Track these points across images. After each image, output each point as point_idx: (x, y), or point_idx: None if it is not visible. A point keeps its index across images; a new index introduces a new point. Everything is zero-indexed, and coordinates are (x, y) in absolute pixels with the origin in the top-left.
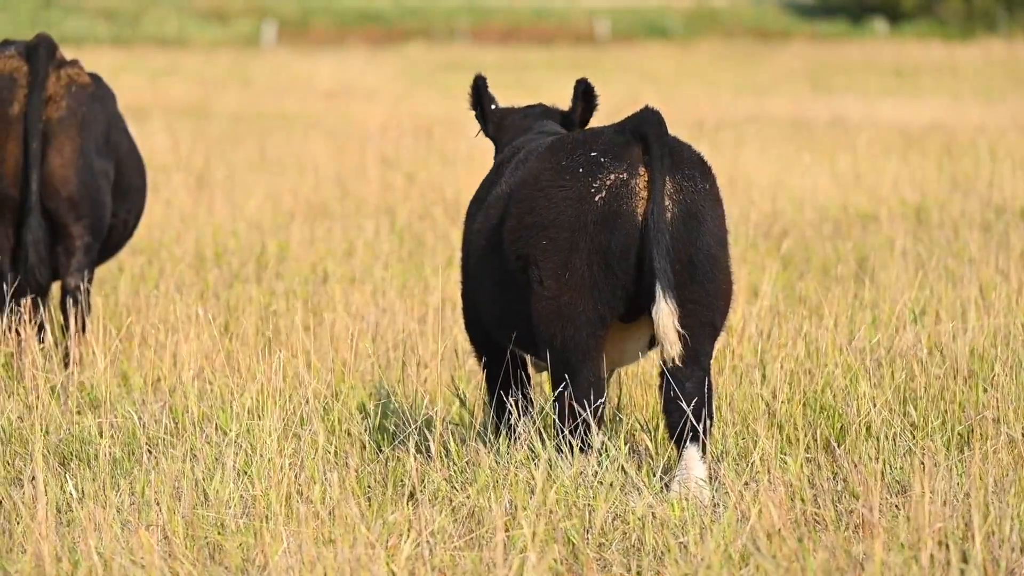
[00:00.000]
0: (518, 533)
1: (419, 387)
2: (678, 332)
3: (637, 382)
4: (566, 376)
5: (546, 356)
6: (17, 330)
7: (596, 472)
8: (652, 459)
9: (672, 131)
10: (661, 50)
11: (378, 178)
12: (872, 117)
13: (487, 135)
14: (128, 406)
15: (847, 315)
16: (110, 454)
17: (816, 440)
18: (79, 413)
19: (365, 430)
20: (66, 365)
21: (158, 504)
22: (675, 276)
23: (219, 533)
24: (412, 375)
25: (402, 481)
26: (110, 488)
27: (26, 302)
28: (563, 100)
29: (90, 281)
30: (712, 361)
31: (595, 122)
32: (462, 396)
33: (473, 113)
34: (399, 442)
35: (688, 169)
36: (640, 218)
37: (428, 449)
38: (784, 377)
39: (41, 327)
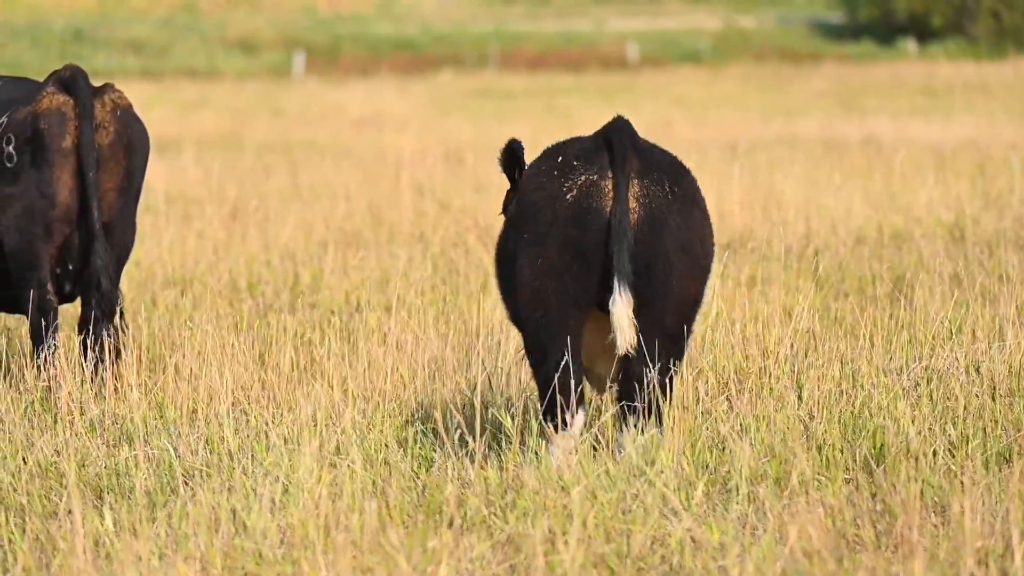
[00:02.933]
0: (557, 559)
1: (457, 415)
2: (633, 325)
3: (673, 406)
4: (540, 356)
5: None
6: (53, 362)
7: (635, 496)
8: (690, 483)
9: (704, 154)
10: (691, 74)
11: (411, 205)
12: (904, 137)
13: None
14: (164, 438)
15: (883, 335)
16: (146, 486)
17: (855, 460)
18: (114, 446)
19: (402, 458)
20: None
21: (195, 536)
22: (635, 276)
23: (257, 564)
24: (449, 403)
25: (440, 509)
26: (147, 520)
27: (63, 335)
28: (594, 125)
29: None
30: (676, 375)
31: None
32: (500, 423)
33: (507, 174)
34: (437, 470)
35: (656, 173)
36: (608, 216)
37: (466, 476)
38: (822, 398)
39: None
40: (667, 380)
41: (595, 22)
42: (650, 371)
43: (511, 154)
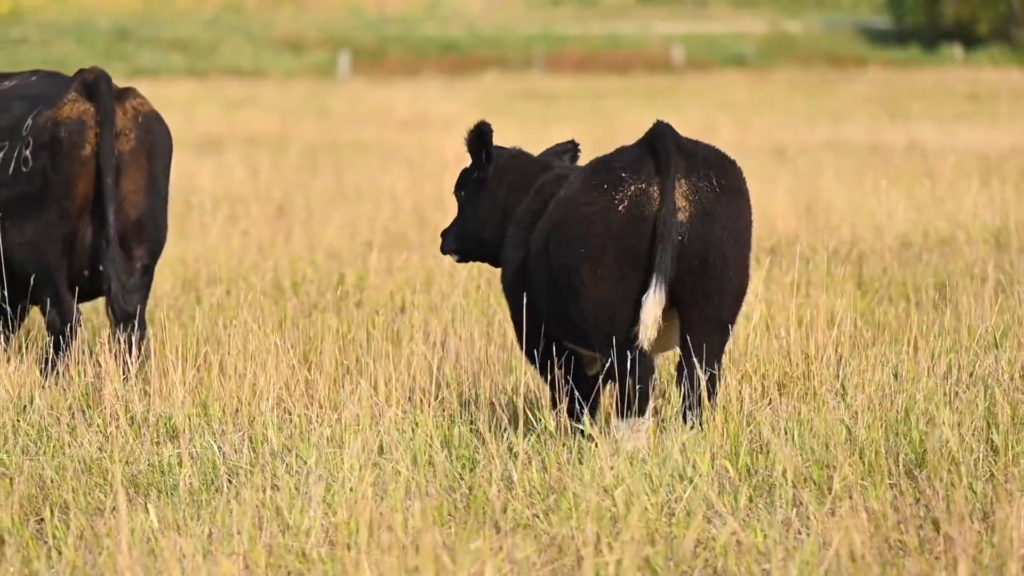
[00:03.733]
0: (601, 561)
1: (501, 415)
2: (658, 322)
3: (717, 409)
4: (617, 359)
5: (599, 348)
6: (97, 360)
7: (679, 499)
8: (735, 485)
9: (749, 158)
10: (736, 77)
11: (455, 207)
12: (949, 143)
13: (480, 176)
14: (208, 436)
15: (927, 340)
16: (190, 484)
17: (898, 465)
18: (158, 443)
19: (446, 459)
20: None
21: (239, 533)
22: (689, 273)
23: (301, 562)
24: (493, 403)
25: (484, 510)
26: (191, 518)
27: (107, 332)
28: (639, 127)
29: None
30: (724, 359)
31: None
32: (544, 424)
33: (475, 155)
34: (481, 470)
35: (703, 169)
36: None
37: (510, 477)
38: (865, 402)
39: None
40: (718, 372)
41: (641, 25)
42: (705, 365)
43: (479, 136)
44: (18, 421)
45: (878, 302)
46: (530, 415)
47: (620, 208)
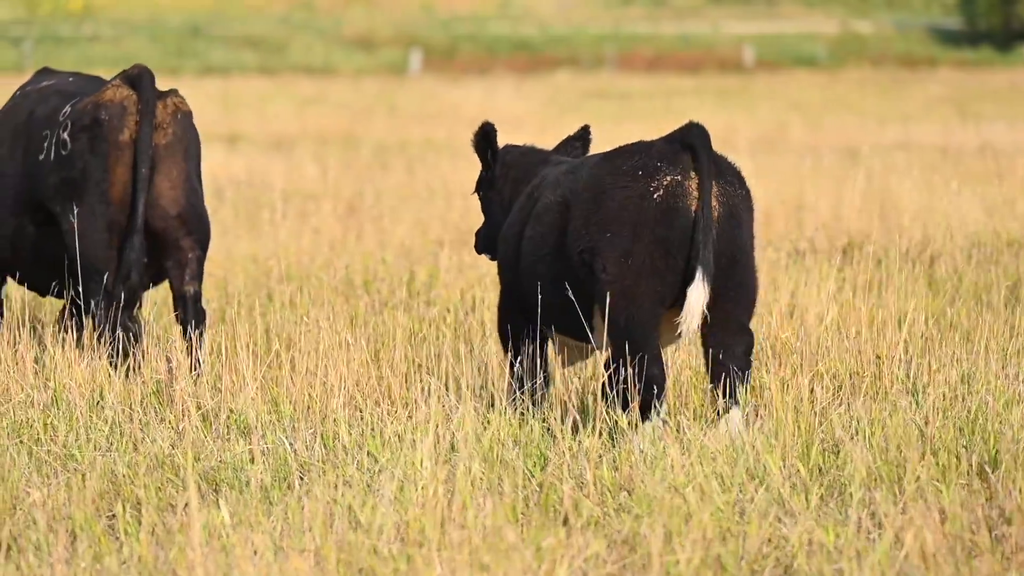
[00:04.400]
0: (672, 559)
1: (573, 413)
2: (704, 313)
3: (788, 409)
4: (628, 351)
5: (596, 337)
6: (168, 356)
7: (750, 498)
8: (806, 484)
9: (821, 158)
10: (808, 77)
11: None
12: (1021, 144)
13: (489, 175)
14: (279, 433)
15: (999, 341)
16: (261, 481)
17: (970, 465)
18: (230, 440)
19: (517, 456)
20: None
21: (310, 530)
22: (720, 269)
23: (372, 559)
24: (565, 400)
25: (555, 507)
26: (262, 514)
27: (177, 329)
28: (710, 127)
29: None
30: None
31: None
32: (617, 421)
33: (482, 155)
34: (552, 468)
35: (729, 176)
36: (693, 214)
37: (582, 475)
38: (937, 403)
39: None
40: (751, 363)
41: (712, 25)
42: (739, 361)
43: (484, 136)
44: (91, 417)
45: (949, 303)
46: (604, 413)
47: (655, 196)
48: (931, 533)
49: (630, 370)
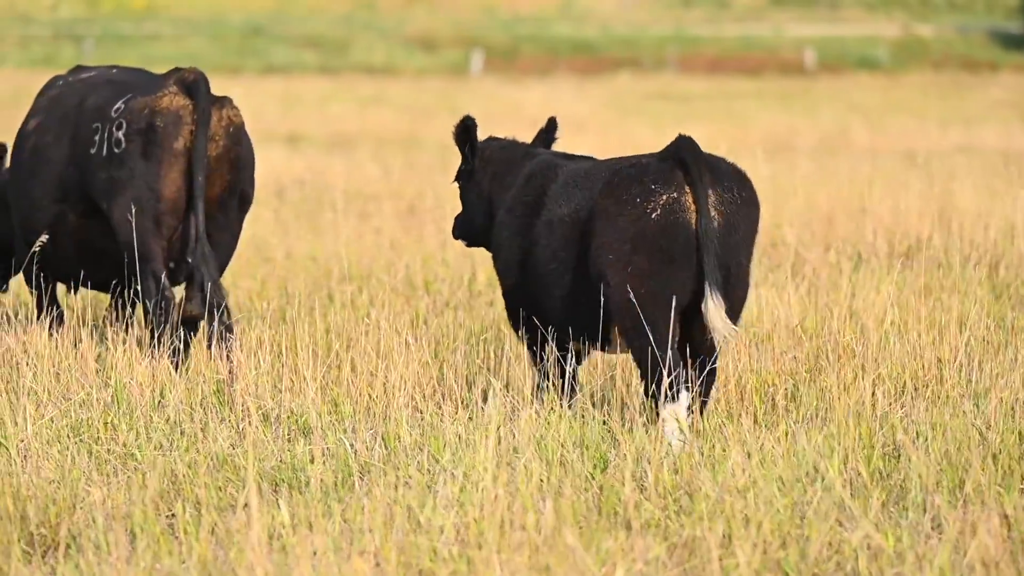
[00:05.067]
0: (732, 563)
1: (635, 416)
2: (724, 322)
3: (849, 412)
4: (647, 353)
5: (607, 346)
6: (228, 356)
7: (810, 501)
8: (867, 488)
9: (881, 161)
10: (869, 81)
11: None
12: None
13: (468, 169)
14: (339, 433)
15: None
16: (322, 481)
17: None
18: (290, 440)
19: (578, 459)
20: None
21: (371, 531)
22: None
23: (432, 561)
24: (626, 402)
25: (616, 510)
26: (322, 515)
27: (238, 331)
28: (771, 130)
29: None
30: None
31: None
32: (679, 426)
33: (462, 148)
34: (613, 471)
35: (726, 182)
36: (693, 226)
37: (643, 477)
38: (999, 407)
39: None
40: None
41: (773, 27)
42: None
43: (465, 130)
44: (151, 416)
45: (1011, 307)
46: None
47: (653, 216)
48: (992, 538)
49: (650, 367)
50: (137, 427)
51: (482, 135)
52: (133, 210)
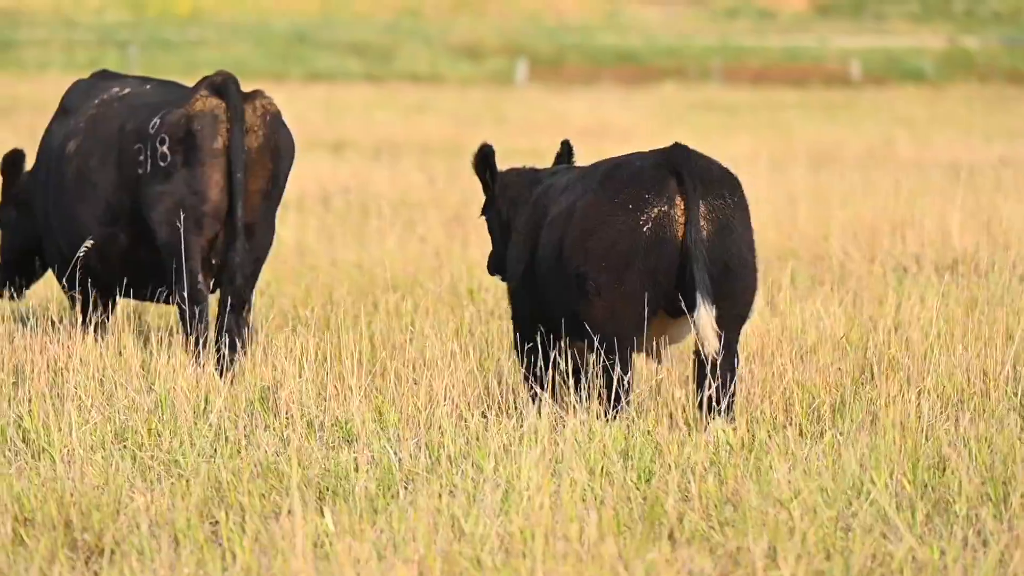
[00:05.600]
0: (776, 574)
1: (680, 427)
2: (716, 332)
3: (895, 424)
4: (606, 359)
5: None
6: (273, 363)
7: (855, 513)
8: (912, 501)
9: (927, 174)
10: (914, 93)
11: None
12: None
13: (490, 196)
14: (383, 441)
15: None
16: (366, 489)
17: None
18: (334, 448)
19: (623, 469)
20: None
21: (415, 539)
22: (712, 279)
23: (476, 570)
24: (671, 416)
25: (660, 521)
26: (366, 522)
27: (284, 336)
28: (817, 142)
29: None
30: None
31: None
32: (724, 437)
33: (481, 177)
34: (657, 481)
35: (718, 188)
36: (680, 240)
37: (687, 489)
38: None
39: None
40: (737, 369)
41: (819, 39)
42: (727, 356)
43: (484, 158)
44: (195, 423)
45: None
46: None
47: (645, 229)
48: None
49: (601, 375)
50: (181, 434)
51: (529, 144)
52: (176, 212)
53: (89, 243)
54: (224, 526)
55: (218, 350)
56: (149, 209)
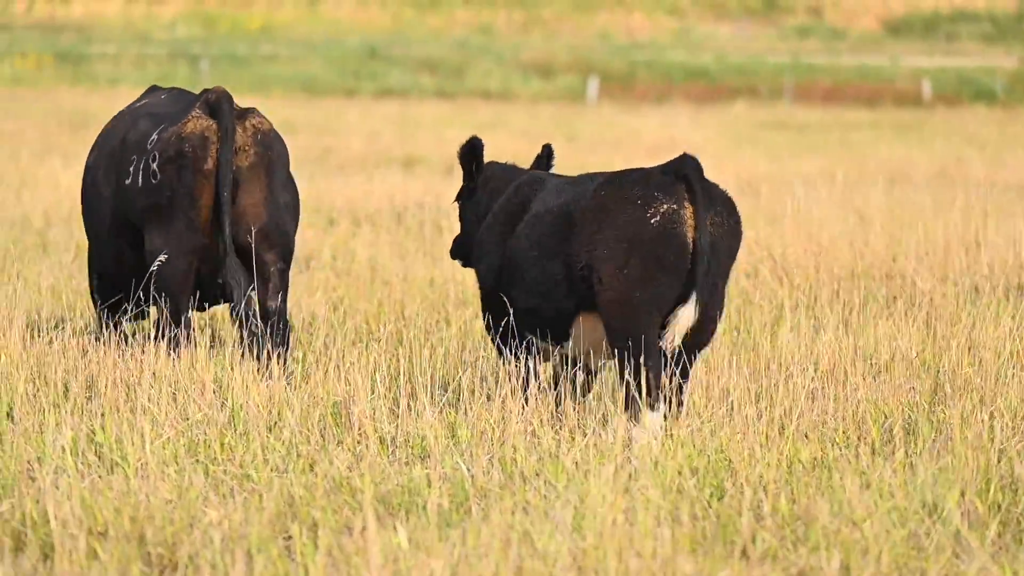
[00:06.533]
0: None
1: (753, 445)
2: (682, 331)
3: (967, 444)
4: (630, 354)
5: (573, 344)
6: (346, 378)
7: (927, 532)
8: (984, 521)
9: (998, 194)
10: (985, 113)
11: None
12: None
13: (470, 186)
14: (456, 457)
15: None
16: (438, 505)
17: None
18: (407, 463)
19: (695, 487)
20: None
21: (487, 556)
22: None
23: None
24: (743, 433)
25: (732, 539)
26: (439, 539)
27: (357, 352)
28: (888, 161)
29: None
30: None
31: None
32: (794, 454)
33: (466, 166)
34: (729, 499)
35: (720, 206)
36: (690, 239)
37: (759, 507)
38: None
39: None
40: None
41: (890, 58)
42: (684, 373)
43: (472, 149)
44: (268, 437)
45: None
46: (780, 443)
47: (652, 222)
48: None
49: (630, 371)
50: (254, 448)
51: (599, 161)
52: (169, 232)
53: (163, 257)
54: (297, 541)
55: (257, 358)
56: (142, 223)
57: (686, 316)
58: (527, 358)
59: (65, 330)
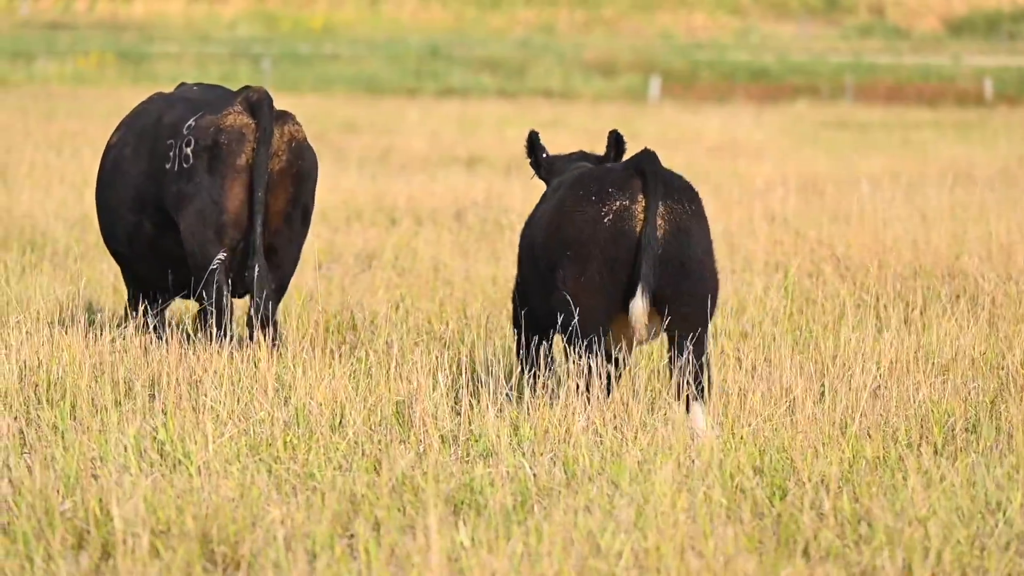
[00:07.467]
0: None
1: (815, 444)
2: (645, 324)
3: None
4: (579, 350)
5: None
6: (408, 377)
7: (990, 532)
8: None
9: None
10: None
11: (766, 235)
12: None
13: (540, 178)
14: (519, 456)
15: None
16: (501, 504)
17: None
18: (470, 462)
19: (757, 485)
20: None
21: (550, 555)
22: (670, 277)
23: None
24: (805, 432)
25: (794, 538)
26: (502, 538)
27: (419, 351)
28: (950, 161)
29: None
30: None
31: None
32: (856, 453)
33: (529, 160)
34: (791, 498)
35: (678, 195)
36: (637, 234)
37: (821, 506)
38: None
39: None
40: (707, 361)
41: (952, 57)
42: (697, 349)
43: (529, 143)
44: (331, 436)
45: None
46: (842, 442)
47: (606, 220)
48: None
49: (577, 366)
50: (316, 447)
51: (662, 160)
52: (199, 217)
53: (223, 255)
54: (360, 539)
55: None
56: (173, 209)
57: (636, 308)
58: (588, 357)
59: (128, 328)
